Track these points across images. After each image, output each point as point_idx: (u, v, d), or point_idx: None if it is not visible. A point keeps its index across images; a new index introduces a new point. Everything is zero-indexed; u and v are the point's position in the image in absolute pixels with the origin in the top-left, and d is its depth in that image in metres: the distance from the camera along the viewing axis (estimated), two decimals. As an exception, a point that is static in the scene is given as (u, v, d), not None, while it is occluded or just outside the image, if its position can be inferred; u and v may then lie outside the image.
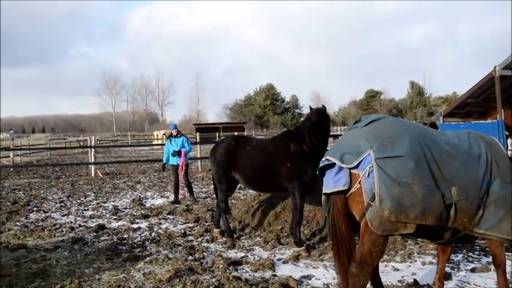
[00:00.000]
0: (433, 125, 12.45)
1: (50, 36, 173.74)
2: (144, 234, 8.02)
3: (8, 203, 11.44)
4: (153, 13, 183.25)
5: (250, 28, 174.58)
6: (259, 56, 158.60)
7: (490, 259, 5.16)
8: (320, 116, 7.12)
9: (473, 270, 5.56)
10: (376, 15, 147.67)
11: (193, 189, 13.72)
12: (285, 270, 5.76)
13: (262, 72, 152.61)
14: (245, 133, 46.06)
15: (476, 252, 6.30)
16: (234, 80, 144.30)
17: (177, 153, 11.71)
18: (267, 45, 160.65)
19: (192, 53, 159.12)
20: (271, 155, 7.08)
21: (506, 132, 9.93)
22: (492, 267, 4.71)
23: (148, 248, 7.03)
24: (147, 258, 6.31)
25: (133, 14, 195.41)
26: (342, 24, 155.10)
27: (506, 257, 4.38)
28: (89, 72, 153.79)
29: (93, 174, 18.67)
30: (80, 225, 8.81)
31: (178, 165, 11.71)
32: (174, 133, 12.02)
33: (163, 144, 27.92)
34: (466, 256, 6.17)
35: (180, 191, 11.78)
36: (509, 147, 9.49)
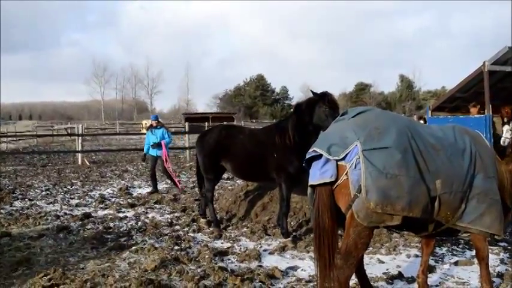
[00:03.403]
0: (421, 119, 12.53)
1: (43, 22, 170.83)
2: (131, 223, 7.99)
3: (-7, 190, 11.29)
4: (148, 1, 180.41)
5: (243, 19, 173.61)
6: (251, 47, 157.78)
7: (473, 253, 5.20)
8: (310, 107, 6.62)
9: (456, 263, 5.61)
10: (369, 7, 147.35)
11: (181, 179, 13.72)
12: (271, 261, 5.77)
13: (253, 63, 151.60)
14: (234, 123, 45.93)
15: (460, 246, 6.36)
16: (224, 71, 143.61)
17: (157, 145, 11.51)
18: (259, 36, 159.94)
19: (184, 42, 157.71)
20: (260, 145, 7.06)
21: (505, 119, 10.00)
22: (475, 260, 4.75)
23: (134, 237, 7.00)
24: (133, 248, 6.28)
25: (128, 2, 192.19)
26: (334, 16, 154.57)
27: (490, 251, 4.42)
28: (79, 60, 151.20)
29: (80, 162, 18.52)
30: (65, 214, 8.74)
31: (157, 156, 11.49)
32: (154, 124, 11.87)
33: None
34: (450, 249, 6.22)
35: (175, 179, 11.72)
36: (505, 135, 9.55)
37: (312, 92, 6.67)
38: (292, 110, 7.05)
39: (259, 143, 7.13)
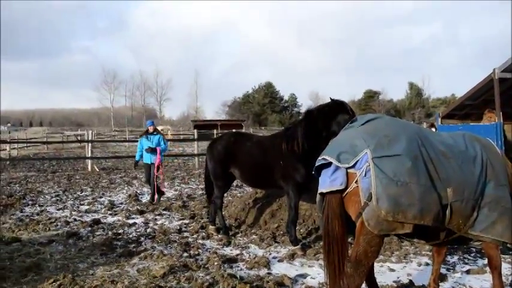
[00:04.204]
0: (432, 126, 12.45)
1: (54, 29, 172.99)
2: (140, 229, 8.00)
3: (4, 196, 11.35)
4: (157, 8, 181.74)
5: (252, 26, 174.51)
6: (260, 54, 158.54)
7: (485, 261, 5.15)
8: (326, 114, 6.51)
9: (468, 272, 5.55)
10: (378, 15, 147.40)
11: (189, 185, 13.76)
12: (280, 269, 5.74)
13: (261, 70, 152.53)
14: (243, 130, 46.01)
15: (472, 254, 6.29)
16: (233, 78, 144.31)
17: (152, 150, 10.94)
18: (268, 43, 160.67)
19: (193, 49, 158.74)
20: (268, 153, 7.04)
21: None
22: (488, 269, 4.70)
23: (143, 243, 7.00)
24: (142, 254, 6.28)
25: (138, 9, 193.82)
26: (343, 24, 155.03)
27: (502, 259, 4.36)
28: (89, 66, 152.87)
29: (89, 169, 18.62)
30: (75, 220, 8.77)
31: (152, 163, 10.93)
32: (151, 130, 11.24)
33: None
34: (461, 258, 6.16)
35: (162, 188, 11.22)
36: None
37: (332, 99, 6.57)
38: (301, 116, 6.98)
39: (267, 150, 7.10)
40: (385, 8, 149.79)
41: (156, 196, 10.81)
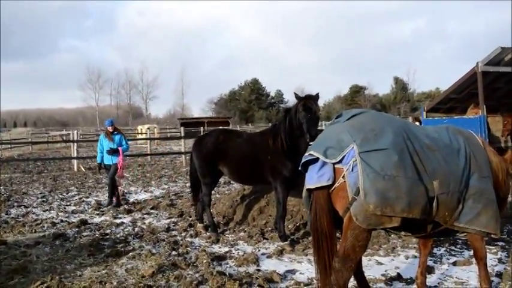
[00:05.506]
0: (417, 120, 12.55)
1: (42, 29, 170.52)
2: (127, 229, 7.95)
3: (-12, 199, 11.21)
4: (146, 7, 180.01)
5: (239, 23, 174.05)
6: (247, 50, 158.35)
7: (471, 253, 5.21)
8: (295, 110, 6.63)
9: (455, 263, 5.62)
10: (364, 10, 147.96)
11: (176, 183, 13.69)
12: (269, 265, 5.75)
13: (248, 66, 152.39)
14: (230, 127, 45.91)
15: (459, 246, 6.37)
16: (219, 75, 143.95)
17: (114, 151, 10.46)
18: (255, 40, 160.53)
19: (179, 47, 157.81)
20: (256, 149, 7.08)
21: None
22: (474, 260, 4.76)
23: (131, 243, 6.96)
24: (130, 254, 6.25)
25: (126, 7, 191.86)
26: (331, 19, 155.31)
27: (488, 250, 4.42)
28: (76, 66, 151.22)
29: (75, 169, 18.44)
30: (61, 221, 8.68)
31: (114, 164, 10.50)
32: (111, 130, 10.66)
33: (148, 139, 27.81)
34: (448, 250, 6.23)
35: (118, 192, 10.68)
36: None
37: (295, 94, 6.73)
38: (283, 114, 7.06)
39: (255, 146, 7.14)
40: (373, 4, 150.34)
41: (114, 199, 10.37)
